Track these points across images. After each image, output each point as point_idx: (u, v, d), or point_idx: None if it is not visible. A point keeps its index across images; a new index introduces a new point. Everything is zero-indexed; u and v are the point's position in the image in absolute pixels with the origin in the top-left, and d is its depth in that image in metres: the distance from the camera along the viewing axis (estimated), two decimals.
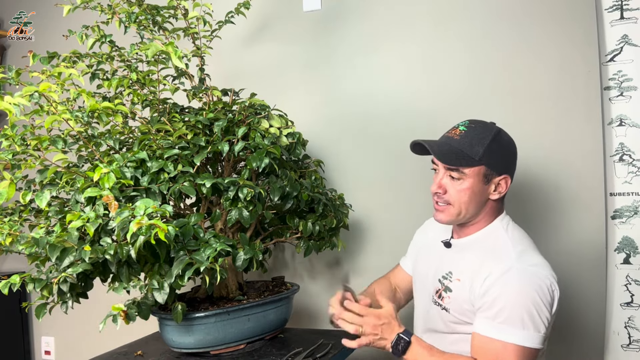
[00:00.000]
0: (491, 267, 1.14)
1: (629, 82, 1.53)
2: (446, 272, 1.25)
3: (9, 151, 1.22)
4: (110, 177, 1.14)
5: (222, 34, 1.65)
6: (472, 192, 1.19)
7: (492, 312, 1.10)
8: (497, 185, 1.21)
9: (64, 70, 1.25)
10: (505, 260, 1.14)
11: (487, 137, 1.19)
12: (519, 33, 1.66)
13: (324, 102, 1.92)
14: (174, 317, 1.29)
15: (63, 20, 1.52)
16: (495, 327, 1.09)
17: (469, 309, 1.17)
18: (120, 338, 1.63)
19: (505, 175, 1.21)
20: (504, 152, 1.22)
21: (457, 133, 1.21)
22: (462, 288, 1.19)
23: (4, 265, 2.55)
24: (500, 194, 1.22)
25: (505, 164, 1.22)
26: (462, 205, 1.20)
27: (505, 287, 1.10)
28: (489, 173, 1.19)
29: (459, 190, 1.19)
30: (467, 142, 1.18)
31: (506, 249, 1.17)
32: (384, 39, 1.84)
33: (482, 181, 1.19)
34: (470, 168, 1.18)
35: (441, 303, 1.24)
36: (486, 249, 1.20)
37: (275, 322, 1.49)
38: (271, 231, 1.60)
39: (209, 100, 1.51)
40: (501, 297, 1.09)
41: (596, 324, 1.57)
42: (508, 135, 1.24)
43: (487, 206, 1.23)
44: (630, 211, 1.53)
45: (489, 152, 1.18)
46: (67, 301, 1.25)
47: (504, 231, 1.22)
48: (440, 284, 1.26)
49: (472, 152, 1.17)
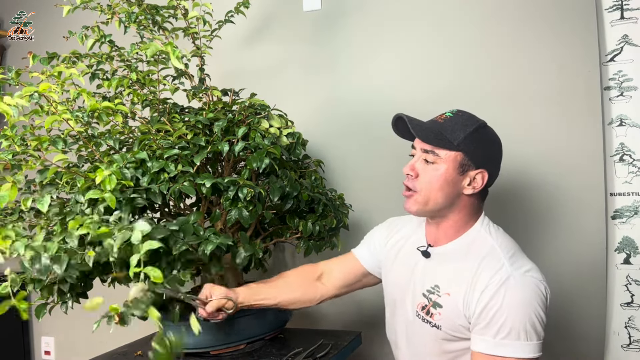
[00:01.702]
0: (486, 278, 1.07)
1: (629, 82, 1.53)
2: (431, 285, 1.17)
3: (8, 151, 1.22)
4: (112, 179, 1.15)
5: (222, 33, 1.65)
6: (445, 179, 1.12)
7: (493, 329, 1.04)
8: (473, 179, 1.14)
9: (64, 70, 1.25)
10: (499, 269, 1.07)
11: (470, 125, 1.13)
12: (519, 33, 1.66)
13: (324, 102, 1.92)
14: (171, 317, 1.29)
15: (63, 21, 1.52)
16: (498, 344, 1.03)
17: (462, 324, 1.10)
18: (120, 338, 1.63)
19: (482, 169, 1.14)
20: (485, 145, 1.15)
21: (443, 117, 1.17)
22: (453, 303, 1.11)
23: (4, 265, 2.55)
24: (474, 189, 1.14)
25: (485, 157, 1.14)
26: (431, 192, 1.13)
27: (505, 300, 1.03)
28: (466, 163, 1.12)
29: (431, 176, 1.13)
30: (449, 126, 1.13)
31: (497, 256, 1.10)
32: (384, 39, 1.84)
33: (457, 170, 1.12)
34: (447, 151, 1.12)
35: (430, 320, 1.15)
36: (474, 258, 1.12)
37: (275, 322, 1.49)
38: (271, 231, 1.60)
39: (209, 100, 1.51)
40: (502, 311, 1.03)
41: (596, 324, 1.57)
42: (495, 134, 1.19)
43: (460, 202, 1.16)
44: (631, 211, 1.53)
45: (470, 140, 1.12)
46: (67, 301, 1.25)
47: (489, 235, 1.15)
48: (425, 299, 1.17)
49: (452, 137, 1.12)
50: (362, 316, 1.87)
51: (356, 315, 1.88)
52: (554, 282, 1.61)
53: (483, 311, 1.05)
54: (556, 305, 1.61)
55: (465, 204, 1.16)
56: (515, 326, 1.02)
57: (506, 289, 1.04)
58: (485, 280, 1.07)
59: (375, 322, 1.81)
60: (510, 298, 1.03)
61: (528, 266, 1.10)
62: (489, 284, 1.06)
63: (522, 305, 1.03)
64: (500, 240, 1.14)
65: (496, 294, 1.04)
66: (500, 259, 1.09)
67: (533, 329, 1.02)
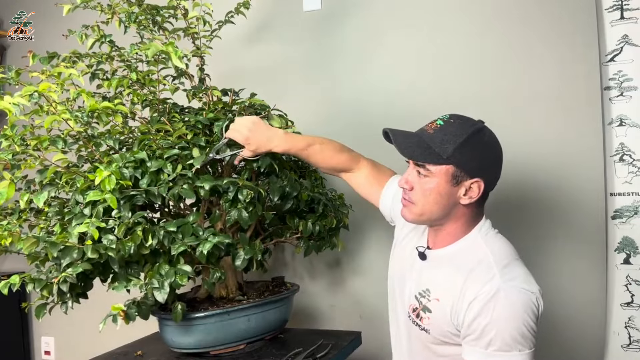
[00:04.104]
0: (475, 289, 1.04)
1: (629, 82, 1.52)
2: (423, 288, 1.15)
3: (8, 151, 1.22)
4: (112, 179, 1.15)
5: (222, 34, 1.65)
6: (438, 193, 1.08)
7: (483, 342, 1.01)
8: (468, 189, 1.09)
9: (64, 71, 1.25)
10: (489, 280, 1.04)
11: (461, 135, 1.07)
12: (518, 33, 1.66)
13: (324, 102, 1.92)
14: (173, 317, 1.29)
15: (63, 20, 1.51)
16: (490, 355, 1.01)
17: (450, 330, 1.08)
18: (120, 338, 1.63)
19: (478, 179, 1.08)
20: (479, 154, 1.08)
21: (433, 127, 1.10)
22: (441, 309, 1.09)
23: (4, 265, 2.56)
24: (471, 198, 1.09)
25: (479, 166, 1.08)
26: (425, 205, 1.10)
27: (494, 313, 1.00)
28: (459, 174, 1.07)
29: (424, 189, 1.09)
30: (439, 138, 1.08)
31: (488, 266, 1.06)
32: (383, 39, 1.84)
33: (450, 182, 1.08)
34: (437, 166, 1.07)
35: (420, 323, 1.14)
36: (466, 266, 1.09)
37: (275, 323, 1.49)
38: (271, 231, 1.60)
39: (209, 100, 1.51)
40: (492, 325, 1.00)
41: (596, 324, 1.57)
42: (491, 136, 1.12)
43: (458, 211, 1.12)
44: (631, 211, 1.53)
45: (460, 151, 1.06)
46: (67, 301, 1.25)
47: (484, 243, 1.11)
48: (417, 302, 1.16)
49: (441, 150, 1.07)
50: (362, 316, 1.87)
51: (356, 315, 1.88)
52: (554, 282, 1.61)
53: (472, 323, 1.03)
54: (556, 306, 1.62)
55: (463, 213, 1.13)
56: (506, 339, 1.00)
57: (495, 303, 1.01)
58: (474, 291, 1.04)
59: (375, 322, 1.81)
60: (500, 312, 1.01)
61: (522, 277, 1.05)
62: (478, 295, 1.03)
63: (512, 318, 1.00)
64: (496, 249, 1.10)
65: (485, 306, 1.02)
66: (491, 269, 1.05)
67: (524, 339, 1.01)
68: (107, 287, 1.31)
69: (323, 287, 1.93)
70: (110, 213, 1.19)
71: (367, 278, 1.88)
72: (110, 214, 1.19)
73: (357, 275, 1.89)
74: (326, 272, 1.93)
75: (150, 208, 1.42)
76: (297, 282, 1.70)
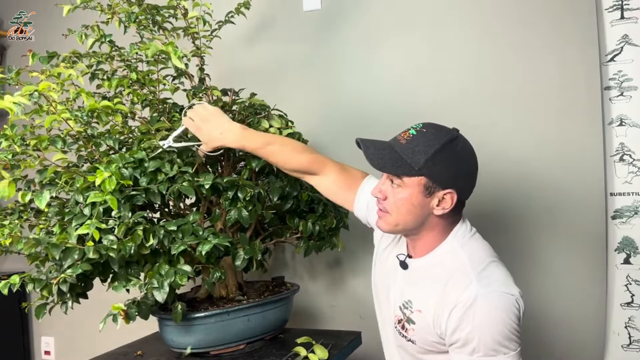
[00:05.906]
0: (454, 297, 1.03)
1: (629, 82, 1.52)
2: (406, 299, 1.15)
3: (8, 151, 1.22)
4: (112, 180, 1.15)
5: (222, 34, 1.65)
6: (411, 203, 1.08)
7: (468, 349, 1.02)
8: (441, 200, 1.08)
9: (64, 71, 1.25)
10: (466, 287, 1.03)
11: (433, 145, 1.05)
12: (518, 33, 1.66)
13: (324, 102, 1.92)
14: (173, 317, 1.29)
15: (63, 20, 1.51)
16: None
17: (434, 340, 1.09)
18: (120, 338, 1.63)
19: (451, 190, 1.07)
20: (451, 165, 1.07)
21: (405, 137, 1.09)
22: (424, 320, 1.10)
23: (4, 265, 2.56)
24: (444, 209, 1.08)
25: (452, 177, 1.07)
26: (399, 216, 1.10)
27: (474, 321, 1.00)
28: (431, 185, 1.06)
29: (397, 199, 1.09)
30: (410, 148, 1.07)
31: (465, 272, 1.05)
32: (383, 39, 1.84)
33: (423, 193, 1.07)
34: (409, 177, 1.07)
35: (405, 335, 1.15)
36: (444, 274, 1.08)
37: (275, 323, 1.49)
38: (271, 231, 1.60)
39: (209, 100, 1.51)
40: (474, 332, 1.00)
41: (596, 324, 1.57)
42: (465, 146, 1.10)
43: (432, 221, 1.11)
44: (631, 211, 1.53)
45: (432, 162, 1.05)
46: (67, 301, 1.25)
47: (460, 248, 1.10)
48: (401, 313, 1.16)
49: (412, 161, 1.05)
50: (362, 316, 1.86)
51: (356, 315, 1.88)
52: (554, 282, 1.61)
53: (455, 332, 1.03)
54: (556, 305, 1.62)
55: (437, 222, 1.12)
56: (490, 345, 1.00)
57: (475, 310, 1.01)
58: (453, 298, 1.04)
59: (375, 322, 1.81)
60: (480, 319, 1.00)
61: (500, 280, 1.05)
62: (457, 303, 1.03)
63: (494, 324, 1.00)
64: (472, 252, 1.10)
65: (465, 314, 1.01)
66: (468, 275, 1.05)
67: (509, 341, 1.01)
68: (107, 287, 1.31)
69: (323, 287, 1.93)
70: (110, 213, 1.19)
71: (367, 278, 1.86)
72: (110, 214, 1.19)
73: (357, 275, 1.88)
74: (326, 272, 1.93)
75: (150, 208, 1.42)
76: (297, 282, 1.70)
